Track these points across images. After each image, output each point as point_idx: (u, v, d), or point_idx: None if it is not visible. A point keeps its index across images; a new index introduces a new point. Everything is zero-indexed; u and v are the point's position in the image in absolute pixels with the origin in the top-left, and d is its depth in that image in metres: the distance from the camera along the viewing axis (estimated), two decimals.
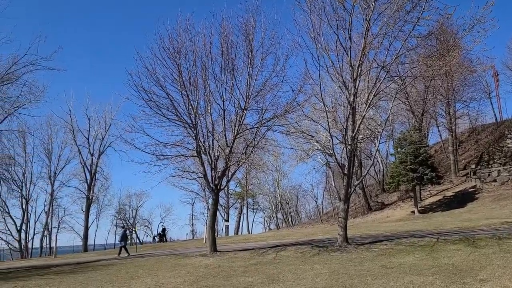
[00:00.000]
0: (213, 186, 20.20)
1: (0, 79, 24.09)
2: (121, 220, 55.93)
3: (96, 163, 46.01)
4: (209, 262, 16.56)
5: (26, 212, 44.95)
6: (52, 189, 45.82)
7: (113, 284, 12.97)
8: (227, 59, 18.98)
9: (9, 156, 39.07)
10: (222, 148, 19.66)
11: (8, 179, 38.95)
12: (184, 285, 11.75)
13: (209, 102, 19.61)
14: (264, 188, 57.44)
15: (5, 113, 28.34)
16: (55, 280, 15.11)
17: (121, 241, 26.48)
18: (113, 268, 17.42)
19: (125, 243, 26.80)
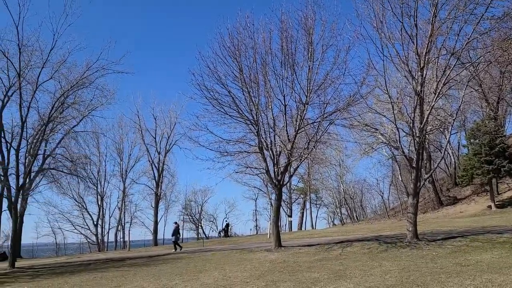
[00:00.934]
0: (276, 182, 20.25)
1: (76, 84, 25.84)
2: (187, 216, 57.94)
3: (163, 161, 48.00)
4: (274, 257, 16.64)
5: (102, 208, 48.07)
6: (124, 186, 48.55)
7: (182, 276, 13.45)
8: (287, 54, 18.88)
9: (85, 156, 41.82)
10: (283, 144, 19.62)
11: (85, 177, 41.63)
12: (251, 279, 11.88)
13: (270, 98, 19.65)
14: (327, 183, 56.68)
15: (81, 116, 30.37)
16: (130, 272, 15.99)
17: (172, 236, 27.67)
18: (182, 262, 18.09)
19: (176, 239, 27.96)
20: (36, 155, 27.36)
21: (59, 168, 36.21)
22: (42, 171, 34.47)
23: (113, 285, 12.90)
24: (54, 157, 35.17)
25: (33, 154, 26.40)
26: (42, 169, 33.66)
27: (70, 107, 28.68)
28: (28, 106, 24.14)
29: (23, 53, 22.60)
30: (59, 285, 13.82)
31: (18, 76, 23.07)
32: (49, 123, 26.04)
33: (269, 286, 10.73)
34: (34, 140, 26.83)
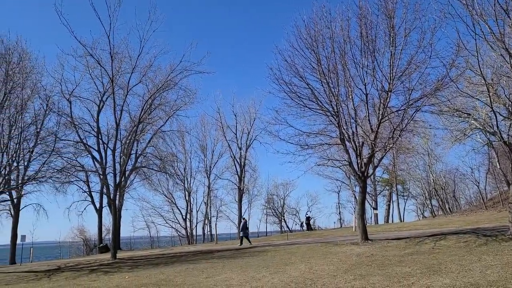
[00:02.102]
0: (360, 174, 19.67)
1: (162, 86, 27.36)
2: (270, 209, 58.65)
3: (245, 156, 49.01)
4: (361, 251, 16.21)
5: (189, 203, 50.46)
6: (209, 181, 50.45)
7: (269, 269, 13.64)
8: (367, 41, 18.18)
9: (172, 154, 44.08)
10: (366, 134, 18.99)
11: (173, 174, 44.01)
12: (338, 273, 11.69)
13: (350, 88, 19.10)
14: (415, 173, 53.75)
15: (167, 116, 32.15)
16: (219, 263, 16.59)
17: (241, 231, 28.17)
18: (268, 255, 18.35)
19: (245, 234, 28.41)
20: (130, 154, 29.49)
21: (150, 166, 38.74)
22: (136, 169, 37.12)
23: (204, 276, 13.47)
24: (145, 156, 37.69)
25: (127, 153, 28.47)
26: (135, 167, 36.25)
27: (157, 108, 30.46)
28: (121, 110, 26.06)
29: (115, 60, 24.38)
30: (156, 275, 14.76)
31: (111, 82, 24.98)
32: (139, 124, 27.88)
33: (357, 280, 10.48)
34: (127, 140, 28.93)
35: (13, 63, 23.63)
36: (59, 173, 26.05)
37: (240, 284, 11.40)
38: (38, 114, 24.80)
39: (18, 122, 23.25)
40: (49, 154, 24.35)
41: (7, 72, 22.83)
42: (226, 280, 12.24)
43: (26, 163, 27.07)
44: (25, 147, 24.43)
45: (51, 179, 26.66)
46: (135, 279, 14.13)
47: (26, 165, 27.55)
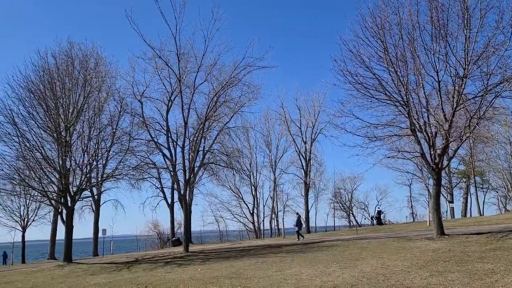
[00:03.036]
0: (433, 166, 18.69)
1: (226, 83, 27.87)
2: (338, 203, 57.74)
3: (310, 150, 48.63)
4: (437, 246, 15.41)
5: (256, 198, 51.13)
6: (274, 176, 50.73)
7: (339, 263, 13.41)
8: (438, 25, 17.15)
9: (238, 149, 44.84)
10: (439, 124, 17.95)
11: (239, 169, 44.80)
12: (412, 269, 11.21)
13: (420, 76, 18.17)
14: (495, 164, 50.03)
15: (232, 112, 32.70)
16: (287, 258, 16.62)
17: (295, 226, 27.95)
18: (337, 249, 18.06)
19: (300, 229, 28.07)
20: (198, 151, 30.39)
21: (217, 162, 39.76)
22: (203, 165, 38.24)
23: (273, 269, 13.56)
24: (212, 152, 38.69)
25: (195, 150, 29.38)
26: (203, 163, 37.34)
27: (222, 105, 31.09)
28: (188, 108, 26.98)
29: (181, 60, 25.24)
30: (227, 268, 15.12)
31: (178, 82, 25.92)
32: (206, 122, 28.64)
33: (434, 276, 9.97)
34: (195, 138, 29.85)
35: (90, 69, 25.31)
36: (133, 171, 27.60)
37: (310, 278, 11.32)
38: (113, 116, 26.37)
39: (96, 123, 24.91)
40: (124, 153, 25.82)
41: (85, 77, 24.51)
42: (296, 274, 12.22)
43: (104, 161, 28.93)
44: (103, 147, 26.09)
45: (127, 176, 28.32)
46: (207, 272, 14.57)
47: (104, 164, 29.45)
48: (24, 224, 37.65)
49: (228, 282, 11.78)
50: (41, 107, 23.43)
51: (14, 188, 27.00)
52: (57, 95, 23.80)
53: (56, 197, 24.95)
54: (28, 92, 23.60)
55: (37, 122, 23.37)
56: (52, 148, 24.29)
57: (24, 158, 23.23)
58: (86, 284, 14.54)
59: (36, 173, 23.43)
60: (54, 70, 24.58)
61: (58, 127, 23.45)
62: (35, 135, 23.32)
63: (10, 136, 22.64)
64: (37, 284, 15.73)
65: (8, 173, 23.12)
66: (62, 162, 23.33)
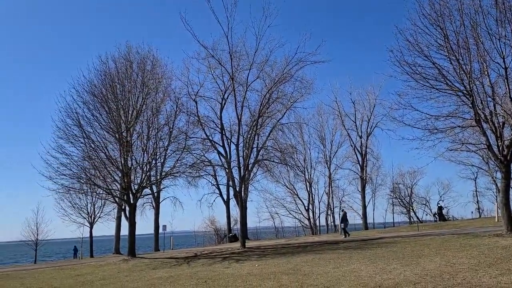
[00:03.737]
0: (501, 158, 17.55)
1: (278, 79, 27.87)
2: (396, 199, 55.87)
3: (366, 145, 47.46)
4: (507, 243, 14.47)
5: (311, 194, 50.69)
6: (329, 172, 50.01)
7: (400, 261, 12.97)
8: (504, 8, 16.03)
9: (292, 145, 44.65)
10: (507, 113, 16.79)
11: (293, 166, 44.60)
12: (480, 267, 10.59)
13: (485, 63, 17.09)
14: None
15: (285, 108, 32.68)
16: (345, 254, 16.33)
17: (341, 223, 27.24)
18: (397, 246, 17.49)
19: (345, 226, 27.23)
20: (252, 148, 30.69)
21: (271, 158, 39.89)
22: (258, 162, 38.55)
23: (331, 266, 13.37)
24: (266, 148, 38.87)
25: (249, 147, 29.68)
26: (257, 160, 37.66)
27: (275, 102, 31.16)
28: (242, 106, 27.28)
29: (233, 59, 25.53)
30: (284, 264, 15.13)
31: (231, 80, 26.24)
32: (259, 118, 28.83)
33: (504, 275, 9.36)
34: (248, 135, 30.15)
35: (147, 71, 26.30)
36: (190, 168, 28.38)
37: (370, 275, 11.04)
38: (170, 115, 27.22)
39: (154, 123, 25.84)
40: (181, 151, 26.61)
41: (143, 79, 25.50)
42: (355, 271, 11.97)
43: (162, 160, 29.97)
44: (161, 146, 27.04)
45: (184, 174, 29.22)
46: (265, 268, 14.66)
47: (163, 162, 30.52)
48: (91, 220, 39.90)
49: (285, 278, 11.78)
50: (104, 109, 24.69)
51: (82, 186, 28.75)
52: (117, 97, 24.98)
53: (119, 194, 26.21)
54: (92, 96, 24.99)
55: (100, 124, 24.68)
56: (115, 148, 25.54)
57: (89, 158, 24.65)
58: (150, 277, 15.14)
59: (101, 172, 24.77)
60: (115, 73, 25.79)
61: (120, 127, 24.60)
62: (99, 136, 24.68)
63: (77, 138, 24.12)
64: (105, 277, 16.61)
65: (76, 173, 24.64)
66: (124, 161, 24.45)
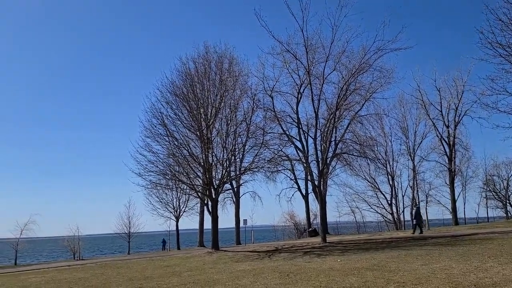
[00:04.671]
0: None
1: (356, 70, 27.02)
2: (491, 192, 51.66)
3: (454, 134, 44.36)
4: None
5: (393, 188, 48.59)
6: (413, 164, 47.44)
7: (497, 259, 11.95)
8: None
9: (371, 138, 43.11)
10: None
11: (373, 159, 43.04)
12: None
13: None
14: None
15: (363, 100, 31.60)
16: (434, 250, 15.43)
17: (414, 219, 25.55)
18: (494, 243, 16.18)
19: (418, 221, 25.41)
20: (330, 141, 30.18)
21: (349, 151, 38.93)
22: (336, 155, 37.81)
23: (419, 263, 12.70)
24: (345, 142, 37.98)
25: (327, 141, 29.24)
26: (335, 154, 36.93)
27: (353, 93, 30.26)
28: (318, 99, 26.87)
29: (309, 52, 25.24)
30: (367, 260, 14.68)
31: (307, 74, 25.99)
32: (336, 111, 28.23)
33: None
34: (326, 128, 29.73)
35: (224, 69, 27.02)
36: (268, 163, 28.68)
37: (463, 273, 10.30)
38: (247, 112, 27.69)
39: (233, 120, 26.47)
40: (259, 146, 27.00)
41: (221, 78, 26.23)
42: (445, 268, 11.24)
43: (241, 156, 30.62)
44: (239, 142, 27.66)
45: (263, 169, 29.62)
46: (347, 263, 14.35)
47: (241, 158, 31.18)
48: (177, 214, 42.08)
49: (370, 274, 11.41)
50: (185, 108, 25.84)
51: (167, 182, 30.40)
52: (197, 96, 25.99)
53: (201, 189, 27.28)
54: (174, 96, 26.28)
55: (182, 122, 25.88)
56: (196, 145, 26.64)
57: (174, 155, 26.00)
58: (233, 270, 15.56)
59: (184, 168, 26.02)
60: (194, 73, 26.87)
61: (200, 125, 25.58)
62: (181, 134, 25.93)
63: (162, 136, 25.56)
64: (191, 268, 17.40)
65: (162, 169, 26.14)
66: (205, 158, 25.39)
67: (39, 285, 15.59)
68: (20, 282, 17.07)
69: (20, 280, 17.67)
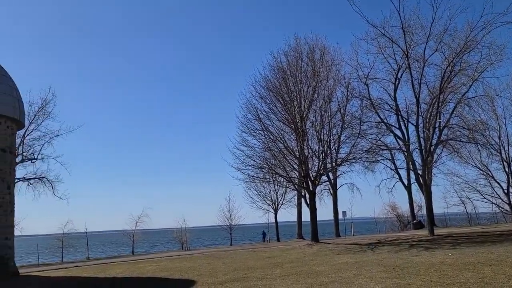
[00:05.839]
0: None
1: (461, 49, 24.78)
2: None
3: None
4: None
5: (510, 175, 43.81)
6: None
7: None
8: None
9: (481, 122, 39.32)
10: None
11: (485, 144, 39.24)
12: None
13: None
14: None
15: (470, 80, 28.88)
16: None
17: None
18: None
19: None
20: (433, 128, 28.15)
21: (456, 137, 35.91)
22: (441, 142, 35.09)
23: None
24: (450, 127, 35.14)
25: (430, 127, 27.31)
26: (440, 141, 34.34)
27: (458, 74, 27.87)
28: (419, 83, 25.29)
29: (407, 34, 23.80)
30: (483, 254, 13.46)
31: (405, 57, 24.53)
32: (440, 95, 26.23)
33: None
34: (428, 114, 27.72)
35: (316, 60, 26.66)
36: (366, 154, 27.73)
37: None
38: (342, 101, 27.02)
39: (327, 111, 26.05)
40: (355, 137, 26.23)
41: (313, 69, 25.94)
42: None
43: (337, 147, 29.97)
44: (334, 133, 27.12)
45: (360, 159, 28.75)
46: (460, 257, 13.29)
47: (337, 149, 30.51)
48: (275, 207, 42.74)
49: (488, 270, 10.42)
50: (279, 102, 26.07)
51: (265, 175, 31.01)
52: (290, 89, 26.05)
53: (298, 182, 27.33)
54: (267, 90, 26.67)
55: (276, 116, 26.21)
56: (291, 138, 26.75)
57: (269, 149, 26.44)
58: (335, 262, 15.33)
59: (281, 161, 26.30)
60: (286, 67, 26.94)
61: (294, 118, 25.61)
62: (276, 128, 26.27)
63: (257, 131, 26.17)
64: (292, 260, 17.52)
65: (259, 163, 26.75)
66: (301, 150, 25.38)
67: (155, 273, 16.92)
68: (139, 269, 18.70)
69: (138, 268, 19.37)
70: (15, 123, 19.25)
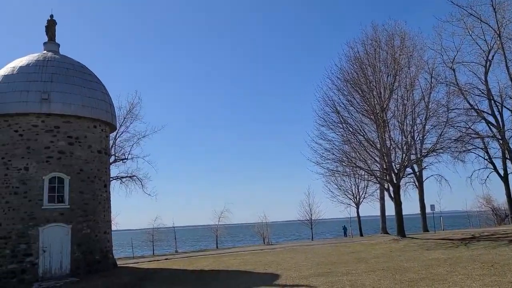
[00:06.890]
0: None
1: None
2: None
3: None
4: None
5: None
6: None
7: None
8: None
9: None
10: None
11: None
12: None
13: None
14: None
15: None
16: None
17: None
18: None
19: None
20: None
21: None
22: None
23: None
24: None
25: None
26: None
27: None
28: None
29: (498, 11, 21.92)
30: None
31: (497, 37, 22.55)
32: None
33: None
34: None
35: (396, 47, 25.40)
36: (455, 143, 25.96)
37: None
38: (425, 89, 25.50)
39: (409, 100, 24.74)
40: (442, 125, 24.63)
41: (393, 56, 24.77)
42: None
43: (422, 137, 28.40)
44: (418, 123, 25.69)
45: (448, 149, 26.98)
46: None
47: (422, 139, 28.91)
48: (356, 201, 41.67)
49: None
50: (357, 93, 25.30)
51: (345, 169, 30.32)
52: (369, 79, 25.13)
53: (380, 175, 26.33)
54: (344, 82, 26.00)
55: (355, 108, 25.44)
56: (371, 129, 25.84)
57: (349, 142, 25.79)
58: (425, 258, 14.57)
59: (361, 154, 25.52)
60: (364, 56, 26.01)
61: (374, 108, 24.69)
62: (355, 120, 25.51)
63: (335, 124, 25.64)
64: (377, 255, 16.97)
65: (339, 157, 26.21)
66: (382, 141, 24.41)
67: (239, 266, 17.40)
68: (223, 263, 19.36)
69: (223, 261, 20.05)
70: (108, 126, 20.85)
